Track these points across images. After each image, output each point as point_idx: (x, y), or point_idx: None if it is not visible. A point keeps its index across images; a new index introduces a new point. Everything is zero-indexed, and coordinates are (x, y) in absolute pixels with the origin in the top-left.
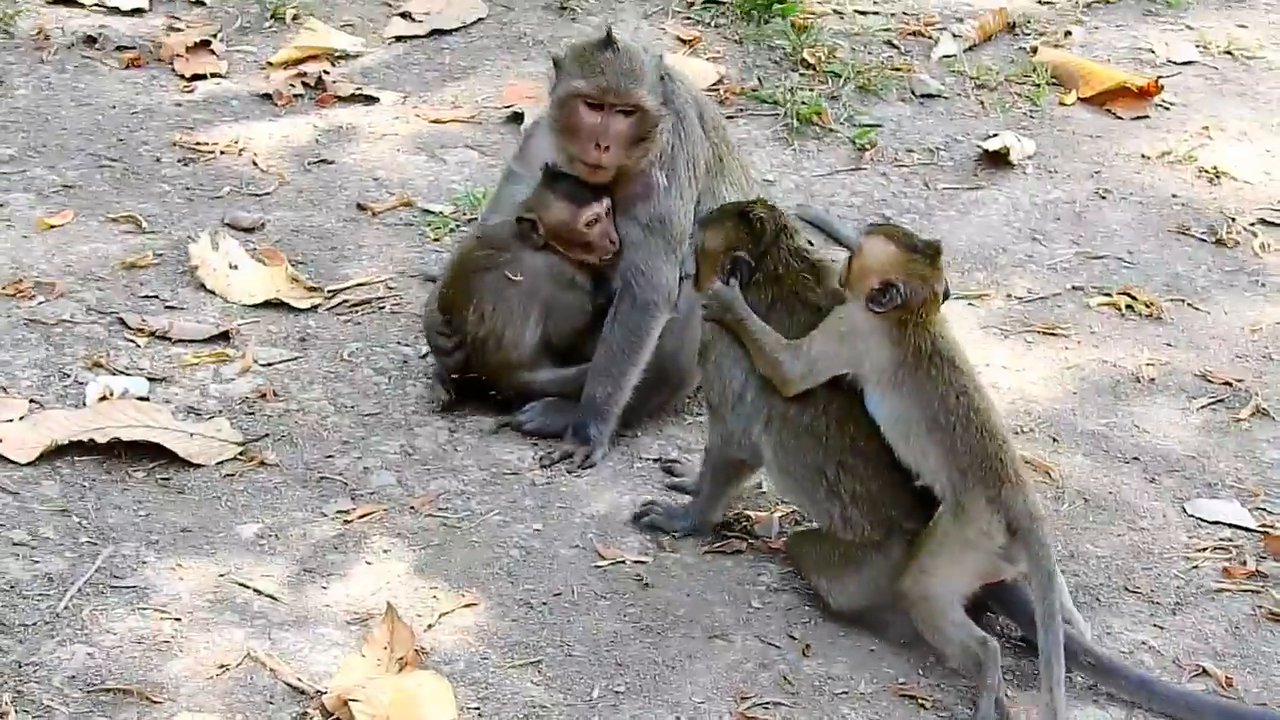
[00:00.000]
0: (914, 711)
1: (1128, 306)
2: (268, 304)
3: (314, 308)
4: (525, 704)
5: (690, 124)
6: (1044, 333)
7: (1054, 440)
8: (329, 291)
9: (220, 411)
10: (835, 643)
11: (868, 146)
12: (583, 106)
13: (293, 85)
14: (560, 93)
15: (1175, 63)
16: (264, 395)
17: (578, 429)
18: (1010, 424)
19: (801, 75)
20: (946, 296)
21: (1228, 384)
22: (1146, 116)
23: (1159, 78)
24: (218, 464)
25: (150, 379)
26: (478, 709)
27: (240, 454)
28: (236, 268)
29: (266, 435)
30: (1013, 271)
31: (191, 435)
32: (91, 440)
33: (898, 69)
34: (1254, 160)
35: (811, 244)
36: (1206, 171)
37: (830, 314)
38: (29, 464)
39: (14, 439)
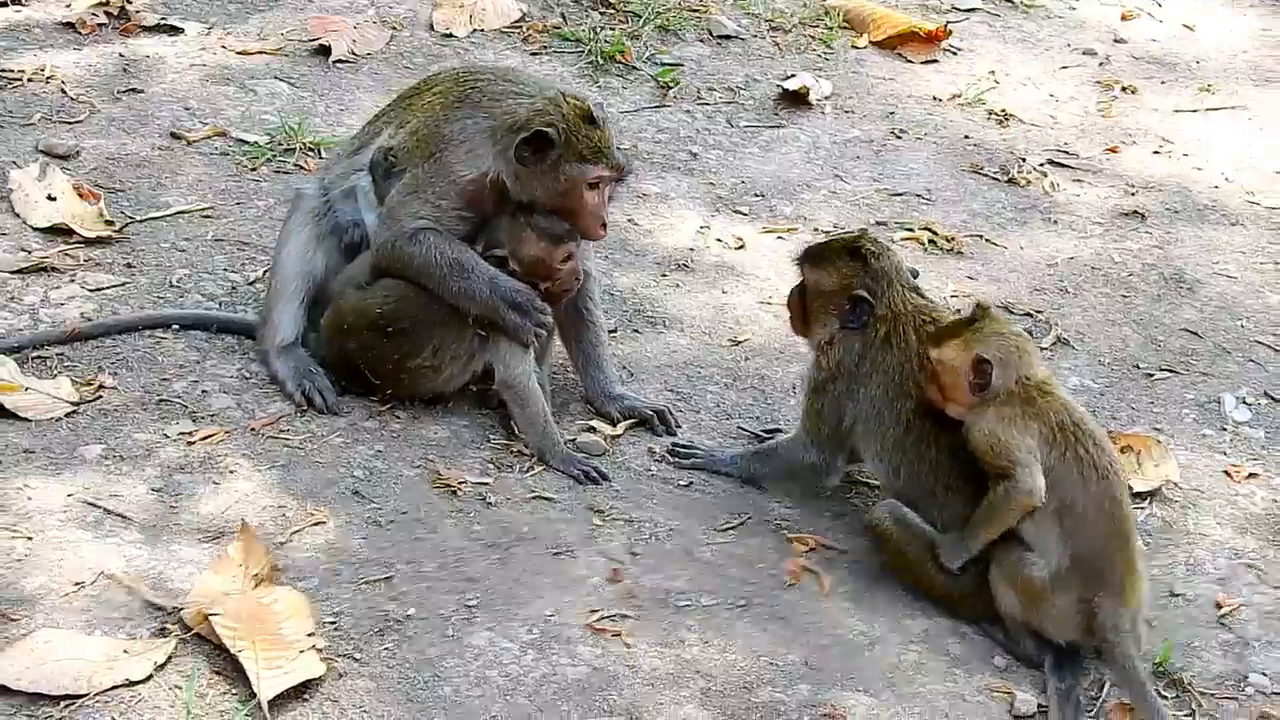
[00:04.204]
0: (753, 622)
1: (930, 241)
2: (76, 232)
3: (109, 239)
4: (381, 618)
5: None
6: None
7: None
8: (151, 218)
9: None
10: (676, 559)
11: (671, 85)
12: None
13: (95, 14)
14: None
15: (960, 9)
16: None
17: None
18: None
19: (602, 14)
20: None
21: (1029, 314)
22: (936, 61)
23: (947, 23)
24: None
25: None
26: (334, 623)
27: (77, 383)
28: (54, 199)
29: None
30: (818, 206)
31: (26, 390)
32: None
33: (695, 10)
34: (1039, 105)
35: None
36: (996, 114)
37: (977, 427)
38: None
39: None
